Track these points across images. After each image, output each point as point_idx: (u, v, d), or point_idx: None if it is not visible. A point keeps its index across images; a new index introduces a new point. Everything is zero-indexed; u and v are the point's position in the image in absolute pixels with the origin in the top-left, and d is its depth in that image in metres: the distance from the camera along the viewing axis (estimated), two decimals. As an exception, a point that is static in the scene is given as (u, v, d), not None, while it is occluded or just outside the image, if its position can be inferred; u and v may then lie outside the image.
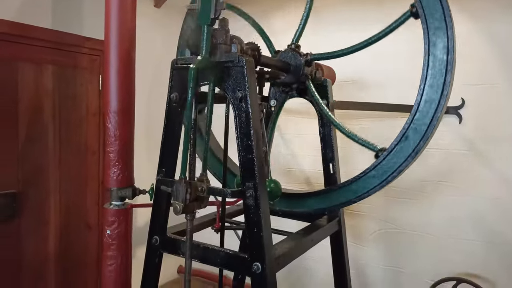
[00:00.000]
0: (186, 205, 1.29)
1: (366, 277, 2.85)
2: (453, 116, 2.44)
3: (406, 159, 1.53)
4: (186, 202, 1.28)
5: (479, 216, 2.42)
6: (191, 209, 1.32)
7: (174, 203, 1.30)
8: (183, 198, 1.28)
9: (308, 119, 3.03)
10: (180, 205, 1.28)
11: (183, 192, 1.28)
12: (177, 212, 1.29)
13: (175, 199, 1.31)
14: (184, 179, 1.30)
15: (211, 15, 1.25)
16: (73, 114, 2.67)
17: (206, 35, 1.29)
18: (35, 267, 2.50)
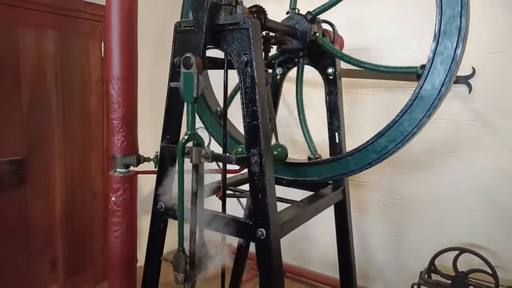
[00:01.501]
0: (186, 275, 1.34)
1: (369, 246, 2.88)
2: (463, 85, 2.39)
3: (411, 129, 1.50)
4: (186, 273, 1.34)
5: (484, 187, 2.41)
6: (192, 278, 1.37)
7: (175, 274, 1.36)
8: (182, 270, 1.34)
9: (314, 88, 2.98)
10: (181, 276, 1.34)
11: (182, 264, 1.34)
12: (178, 283, 1.35)
13: (174, 269, 1.37)
14: (183, 251, 1.36)
15: (194, 94, 1.29)
16: (76, 81, 2.65)
17: (190, 113, 1.33)
18: (42, 233, 2.55)
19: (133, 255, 2.01)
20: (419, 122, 1.49)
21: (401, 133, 1.54)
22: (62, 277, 2.71)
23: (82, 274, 2.85)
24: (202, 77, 1.30)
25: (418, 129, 1.50)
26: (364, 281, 2.89)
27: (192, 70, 1.28)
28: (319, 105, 2.90)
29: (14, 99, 2.32)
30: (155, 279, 1.73)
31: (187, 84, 1.30)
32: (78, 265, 2.81)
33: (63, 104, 2.58)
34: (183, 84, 1.31)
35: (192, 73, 1.28)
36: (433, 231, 2.60)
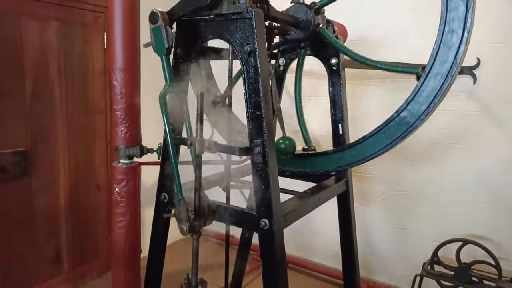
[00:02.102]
0: (191, 225, 1.34)
1: (372, 238, 2.89)
2: (467, 76, 2.37)
3: (415, 120, 1.50)
4: (190, 221, 1.33)
5: (488, 178, 2.40)
6: (197, 229, 1.37)
7: (179, 225, 1.35)
8: (186, 219, 1.33)
9: (318, 80, 2.97)
10: (186, 225, 1.33)
11: (184, 212, 1.33)
12: (184, 233, 1.35)
13: (179, 221, 1.36)
14: (183, 200, 1.36)
15: (165, 45, 1.36)
16: (78, 72, 2.65)
17: (166, 65, 1.40)
18: (47, 224, 2.57)
19: (137, 245, 2.02)
20: (422, 113, 1.48)
21: (404, 125, 1.53)
22: (66, 268, 2.74)
23: (86, 265, 2.87)
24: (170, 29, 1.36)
25: (422, 121, 1.49)
26: (366, 273, 2.90)
27: (159, 23, 1.33)
28: (323, 96, 2.90)
29: (18, 91, 2.32)
30: (159, 269, 1.74)
31: (157, 38, 1.36)
32: (82, 256, 2.84)
33: (66, 95, 2.59)
34: (154, 39, 1.37)
35: (159, 26, 1.34)
36: (436, 222, 2.60)
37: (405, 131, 1.52)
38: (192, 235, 1.38)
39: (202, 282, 1.42)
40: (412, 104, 1.48)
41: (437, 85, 1.42)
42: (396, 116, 1.52)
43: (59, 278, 2.69)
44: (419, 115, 1.48)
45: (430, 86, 1.44)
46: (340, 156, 1.78)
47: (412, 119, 1.49)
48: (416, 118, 1.48)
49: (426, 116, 1.46)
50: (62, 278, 2.71)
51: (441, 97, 1.42)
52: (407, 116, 1.50)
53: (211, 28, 1.35)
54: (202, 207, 1.37)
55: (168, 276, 2.03)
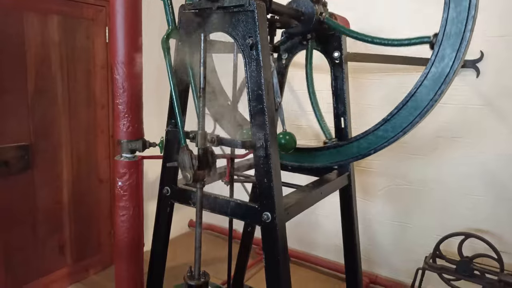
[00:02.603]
0: (195, 172, 1.30)
1: (374, 231, 2.89)
2: (470, 70, 2.35)
3: (419, 113, 1.49)
4: (194, 169, 1.30)
5: (490, 172, 2.40)
6: (201, 176, 1.33)
7: (183, 173, 1.32)
8: (190, 165, 1.29)
9: (320, 74, 2.95)
10: (189, 172, 1.30)
11: (188, 159, 1.29)
12: (188, 180, 1.31)
13: (182, 169, 1.33)
14: (186, 147, 1.32)
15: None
16: (80, 67, 2.65)
17: (167, 8, 1.38)
18: (50, 217, 2.58)
19: (140, 239, 2.03)
20: (424, 107, 1.48)
21: (406, 119, 1.53)
22: (69, 261, 2.75)
23: (89, 258, 2.89)
24: None
25: (424, 115, 1.49)
26: (368, 266, 2.90)
27: None
28: (325, 90, 2.89)
29: (20, 85, 2.33)
30: (162, 263, 1.75)
31: None
32: (85, 250, 2.85)
33: (69, 90, 2.59)
34: None
35: None
36: (438, 216, 2.60)
37: (409, 124, 1.52)
38: (196, 184, 1.35)
39: (205, 274, 1.42)
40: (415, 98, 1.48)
41: (439, 78, 1.41)
42: (399, 109, 1.52)
43: (63, 271, 2.71)
44: (422, 108, 1.47)
45: (432, 80, 1.43)
46: (343, 150, 1.78)
47: (415, 112, 1.49)
48: (420, 111, 1.48)
49: (429, 109, 1.46)
50: (66, 272, 2.73)
51: (442, 93, 1.42)
52: (409, 109, 1.50)
53: (213, 21, 1.34)
54: (206, 155, 1.34)
55: (171, 269, 2.04)
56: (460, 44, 1.34)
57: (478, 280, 2.20)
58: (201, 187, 1.38)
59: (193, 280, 1.39)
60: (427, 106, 1.46)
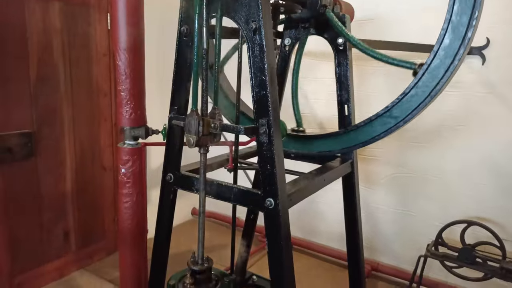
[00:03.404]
0: (199, 138, 1.28)
1: (376, 220, 2.90)
2: (476, 57, 2.33)
3: (422, 101, 1.49)
4: (199, 135, 1.27)
5: (494, 160, 2.39)
6: (205, 142, 1.31)
7: (187, 136, 1.29)
8: (195, 131, 1.27)
9: (323, 61, 2.93)
10: (193, 137, 1.27)
11: (195, 124, 1.27)
12: (190, 145, 1.28)
13: (187, 132, 1.30)
14: (196, 112, 1.28)
15: None
16: (82, 54, 2.63)
17: None
18: (54, 205, 2.60)
19: (144, 225, 2.04)
20: (429, 94, 1.46)
21: (411, 106, 1.52)
22: (74, 248, 2.78)
23: (94, 245, 2.92)
24: None
25: (429, 101, 1.48)
26: (370, 253, 2.92)
27: None
28: (327, 77, 2.88)
29: (22, 73, 2.32)
30: (166, 249, 1.76)
31: None
32: (89, 237, 2.88)
33: (71, 77, 2.58)
34: None
35: None
36: (441, 204, 2.60)
37: (413, 111, 1.51)
38: (200, 149, 1.33)
39: (208, 259, 1.43)
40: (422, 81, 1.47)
41: (444, 66, 1.40)
42: (404, 95, 1.51)
43: (67, 258, 2.74)
44: (426, 95, 1.46)
45: (437, 67, 1.42)
46: (346, 137, 1.78)
47: (420, 98, 1.48)
48: (424, 98, 1.47)
49: (433, 97, 1.45)
50: (70, 258, 2.76)
51: (447, 79, 1.40)
52: (414, 95, 1.49)
53: (216, 5, 1.32)
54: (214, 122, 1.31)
55: (174, 256, 2.06)
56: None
57: (480, 267, 2.21)
58: (204, 152, 1.35)
59: (196, 265, 1.40)
60: (431, 93, 1.45)
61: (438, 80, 1.42)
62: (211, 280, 1.43)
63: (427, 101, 1.47)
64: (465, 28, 1.33)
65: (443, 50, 1.39)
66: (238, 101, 1.63)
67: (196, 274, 1.40)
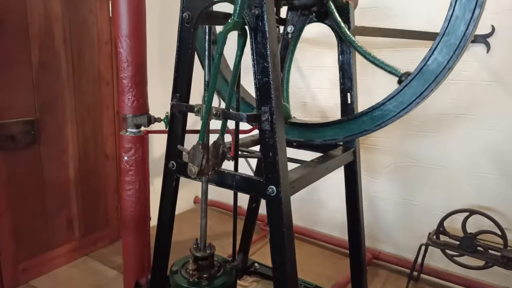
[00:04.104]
0: (201, 170, 1.31)
1: (378, 208, 2.90)
2: (481, 45, 2.30)
3: (425, 89, 1.47)
4: (201, 167, 1.30)
5: (497, 149, 2.38)
6: (206, 172, 1.34)
7: (189, 166, 1.32)
8: (198, 163, 1.30)
9: (326, 49, 2.91)
10: (195, 168, 1.30)
11: (199, 157, 1.30)
12: (192, 175, 1.32)
13: (190, 162, 1.33)
14: (202, 144, 1.31)
15: None
16: (84, 42, 2.62)
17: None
18: (58, 193, 2.62)
19: (146, 213, 2.06)
20: (432, 82, 1.45)
21: (414, 94, 1.51)
22: (78, 235, 2.80)
23: (97, 232, 2.94)
24: None
25: (432, 89, 1.46)
26: (372, 242, 2.93)
27: None
28: (331, 66, 2.86)
29: (24, 60, 2.31)
30: (168, 236, 1.77)
31: None
32: (93, 224, 2.90)
33: (73, 65, 2.57)
34: None
35: None
36: (443, 193, 2.60)
37: (416, 99, 1.50)
38: (201, 177, 1.37)
39: (211, 246, 1.44)
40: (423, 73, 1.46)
41: (447, 55, 1.38)
42: (408, 83, 1.50)
43: (71, 245, 2.77)
44: (429, 83, 1.45)
45: (440, 57, 1.40)
46: (349, 125, 1.77)
47: (423, 87, 1.47)
48: (427, 86, 1.46)
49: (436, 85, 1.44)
50: (74, 245, 2.79)
51: (449, 69, 1.39)
52: (417, 85, 1.48)
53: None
54: (217, 151, 1.35)
55: (177, 244, 2.08)
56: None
57: (481, 255, 2.22)
58: (205, 180, 1.40)
59: (199, 252, 1.41)
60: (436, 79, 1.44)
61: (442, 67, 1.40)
62: (213, 266, 1.45)
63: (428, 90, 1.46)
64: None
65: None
66: (238, 88, 1.62)
67: (198, 261, 1.42)
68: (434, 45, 1.40)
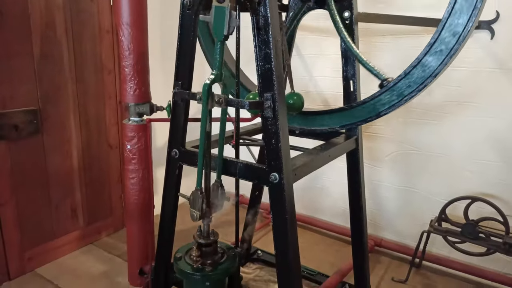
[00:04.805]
0: (202, 214, 1.40)
1: (380, 196, 2.91)
2: (485, 31, 2.28)
3: (429, 76, 1.46)
4: (202, 211, 1.39)
5: (499, 137, 2.37)
6: (208, 215, 1.43)
7: (191, 211, 1.41)
8: (199, 208, 1.39)
9: (328, 37, 2.89)
10: (197, 213, 1.39)
11: (199, 202, 1.38)
12: (194, 219, 1.41)
13: (192, 207, 1.41)
14: (200, 190, 1.39)
15: (224, 32, 1.23)
16: (85, 31, 2.61)
17: (219, 51, 1.29)
18: (62, 182, 2.63)
19: (150, 201, 2.07)
20: (436, 68, 1.44)
21: (418, 79, 1.50)
22: (82, 224, 2.83)
23: (101, 221, 2.96)
24: (235, 14, 1.24)
25: (436, 76, 1.45)
26: (374, 230, 2.95)
27: (225, 4, 1.20)
28: (332, 54, 2.84)
29: (26, 50, 2.31)
30: (172, 225, 1.79)
31: (218, 19, 1.23)
32: (97, 213, 2.92)
33: (75, 55, 2.57)
34: (214, 18, 1.23)
35: (224, 8, 1.21)
36: (445, 181, 2.60)
37: (420, 85, 1.49)
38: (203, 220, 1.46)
39: (214, 233, 1.46)
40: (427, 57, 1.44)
41: (452, 40, 1.37)
42: (412, 68, 1.49)
43: (76, 234, 2.79)
44: (434, 69, 1.44)
45: (445, 43, 1.39)
46: (352, 113, 1.76)
47: (426, 73, 1.46)
48: (432, 72, 1.45)
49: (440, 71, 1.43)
50: (78, 234, 2.81)
51: (455, 52, 1.38)
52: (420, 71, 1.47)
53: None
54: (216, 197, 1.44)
55: (181, 232, 2.10)
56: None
57: (483, 242, 2.23)
58: (207, 223, 1.48)
59: (202, 239, 1.43)
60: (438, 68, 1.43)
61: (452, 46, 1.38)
62: (217, 252, 1.47)
63: (433, 76, 1.45)
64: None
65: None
66: (237, 74, 1.61)
67: (202, 247, 1.43)
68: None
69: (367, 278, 2.15)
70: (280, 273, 1.41)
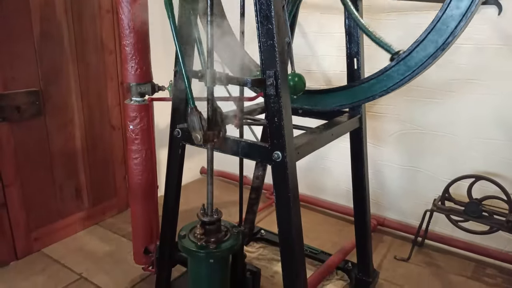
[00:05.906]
0: (205, 133, 1.31)
1: (383, 176, 2.91)
2: (492, 7, 2.22)
3: (433, 52, 1.43)
4: (203, 129, 1.30)
5: (504, 115, 2.34)
6: (211, 137, 1.34)
7: (193, 134, 1.33)
8: (199, 127, 1.31)
9: (332, 15, 2.84)
10: (199, 133, 1.31)
11: (197, 121, 1.30)
12: (198, 142, 1.33)
13: (192, 130, 1.33)
14: (195, 108, 1.33)
15: None
16: (85, 11, 2.57)
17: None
18: (65, 163, 2.65)
19: (153, 181, 2.08)
20: (442, 44, 1.41)
21: (424, 56, 1.47)
22: (86, 205, 2.86)
23: (105, 202, 2.99)
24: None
25: (442, 51, 1.42)
26: (377, 209, 2.96)
27: None
28: (337, 32, 2.79)
29: (26, 31, 2.28)
30: (176, 204, 1.80)
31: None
32: (101, 194, 2.95)
33: (75, 34, 2.54)
34: None
35: None
36: (449, 160, 2.59)
37: (425, 61, 1.46)
38: (206, 145, 1.38)
39: (217, 211, 1.46)
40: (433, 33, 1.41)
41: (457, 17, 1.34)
42: (417, 45, 1.46)
43: (80, 214, 2.82)
44: (440, 45, 1.41)
45: (450, 18, 1.36)
46: (355, 91, 1.74)
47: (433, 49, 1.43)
48: (438, 48, 1.42)
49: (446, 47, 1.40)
50: (83, 214, 2.84)
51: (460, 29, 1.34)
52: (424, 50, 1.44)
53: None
54: (215, 116, 1.36)
55: (184, 212, 2.11)
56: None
57: (486, 220, 2.23)
58: (211, 147, 1.39)
59: (206, 217, 1.43)
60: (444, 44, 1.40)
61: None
62: (220, 230, 1.47)
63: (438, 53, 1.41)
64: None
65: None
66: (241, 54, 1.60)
67: (206, 225, 1.44)
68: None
69: (369, 257, 2.17)
70: (283, 251, 1.42)
